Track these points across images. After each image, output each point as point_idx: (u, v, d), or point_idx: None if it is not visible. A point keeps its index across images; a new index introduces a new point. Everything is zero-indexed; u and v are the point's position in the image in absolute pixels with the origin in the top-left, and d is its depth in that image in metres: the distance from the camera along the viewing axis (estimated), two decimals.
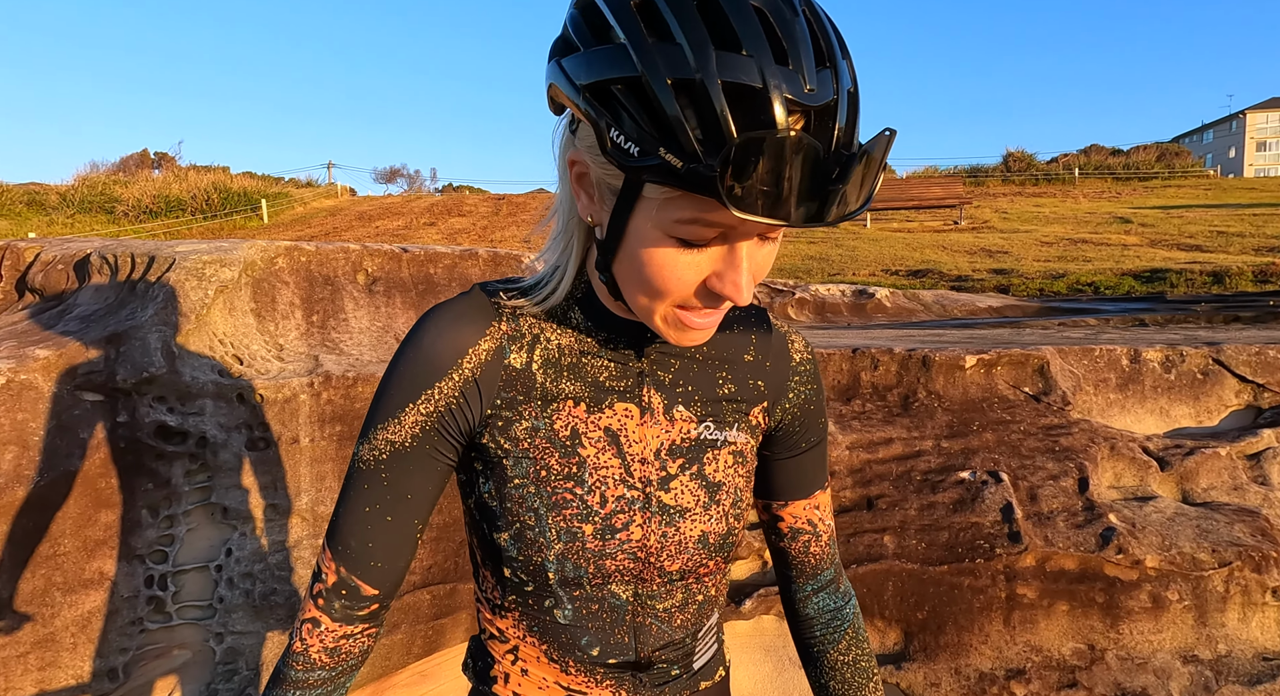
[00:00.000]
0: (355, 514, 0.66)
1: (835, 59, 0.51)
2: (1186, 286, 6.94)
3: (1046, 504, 1.81)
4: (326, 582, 0.66)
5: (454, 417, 0.65)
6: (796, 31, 0.50)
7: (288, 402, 1.93)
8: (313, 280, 2.21)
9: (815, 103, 0.49)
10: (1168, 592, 1.68)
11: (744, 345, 0.73)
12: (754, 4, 0.50)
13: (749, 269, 0.56)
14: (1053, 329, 4.21)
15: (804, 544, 0.79)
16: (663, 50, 0.49)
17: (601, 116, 0.52)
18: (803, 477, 0.77)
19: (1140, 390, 2.23)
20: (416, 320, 0.68)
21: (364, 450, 0.66)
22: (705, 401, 0.70)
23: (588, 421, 0.67)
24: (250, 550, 1.92)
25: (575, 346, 0.67)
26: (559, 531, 0.65)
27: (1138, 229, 11.94)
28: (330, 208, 18.72)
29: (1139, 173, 23.77)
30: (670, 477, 0.68)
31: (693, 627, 0.73)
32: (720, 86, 0.48)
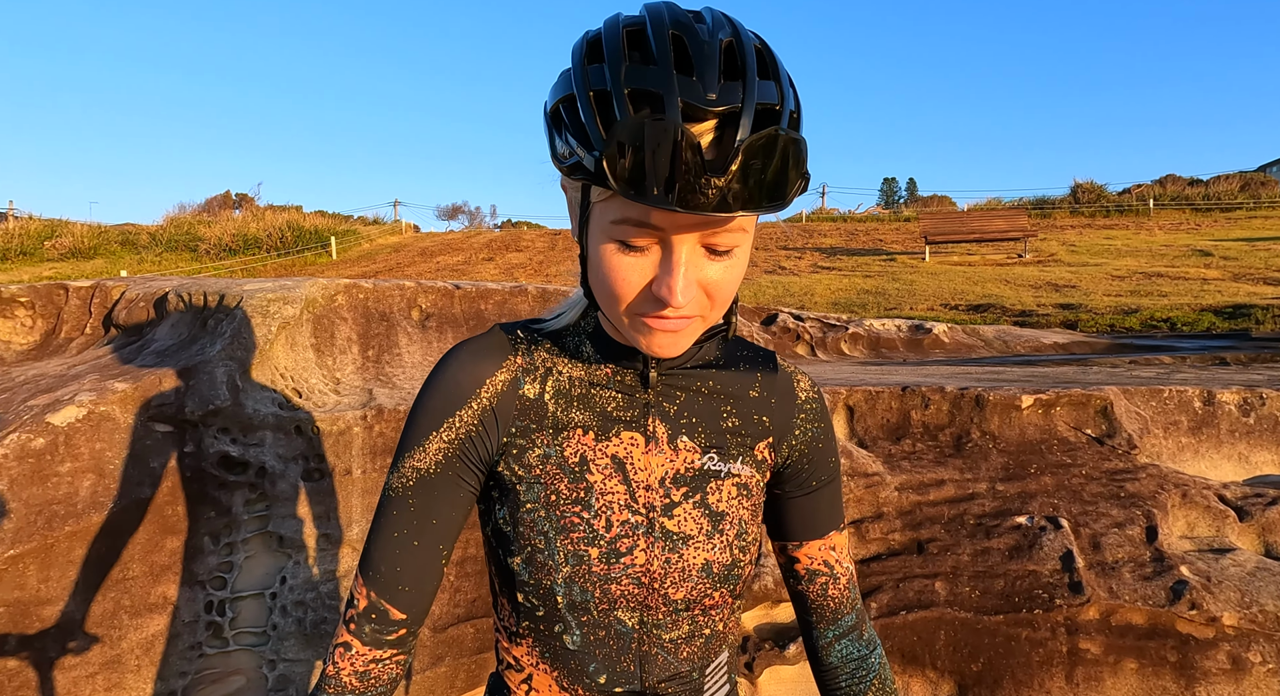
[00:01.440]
0: (385, 540, 0.69)
1: (748, 74, 0.56)
2: (1274, 323, 6.55)
3: (1111, 553, 1.72)
4: (358, 607, 0.69)
5: (474, 445, 0.69)
6: (705, 48, 0.56)
7: (342, 435, 2.00)
8: (370, 316, 2.30)
9: (716, 107, 0.55)
10: (1249, 653, 1.56)
11: (749, 382, 0.75)
12: (673, 30, 0.57)
13: (689, 275, 0.60)
14: (1122, 367, 4.02)
15: (821, 586, 0.79)
16: (592, 70, 0.58)
17: (552, 132, 0.61)
18: (816, 517, 0.78)
19: (1215, 434, 2.11)
20: (443, 355, 0.73)
21: (393, 479, 0.70)
22: (709, 433, 0.73)
23: (596, 449, 0.70)
24: (303, 578, 1.98)
25: (585, 378, 0.71)
26: (566, 554, 0.68)
27: (1219, 262, 11.37)
28: (394, 244, 19.45)
29: (1220, 203, 22.68)
30: (674, 504, 0.71)
31: (700, 661, 0.73)
32: (626, 93, 0.55)
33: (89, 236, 18.07)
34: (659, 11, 0.59)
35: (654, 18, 0.58)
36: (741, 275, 0.64)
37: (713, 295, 0.62)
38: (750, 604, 1.84)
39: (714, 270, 0.61)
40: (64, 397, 1.75)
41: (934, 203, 32.61)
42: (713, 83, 0.55)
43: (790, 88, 0.59)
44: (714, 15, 0.60)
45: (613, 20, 0.60)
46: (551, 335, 0.73)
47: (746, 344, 0.79)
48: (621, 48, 0.57)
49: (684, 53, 0.56)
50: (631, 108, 0.55)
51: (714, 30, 0.58)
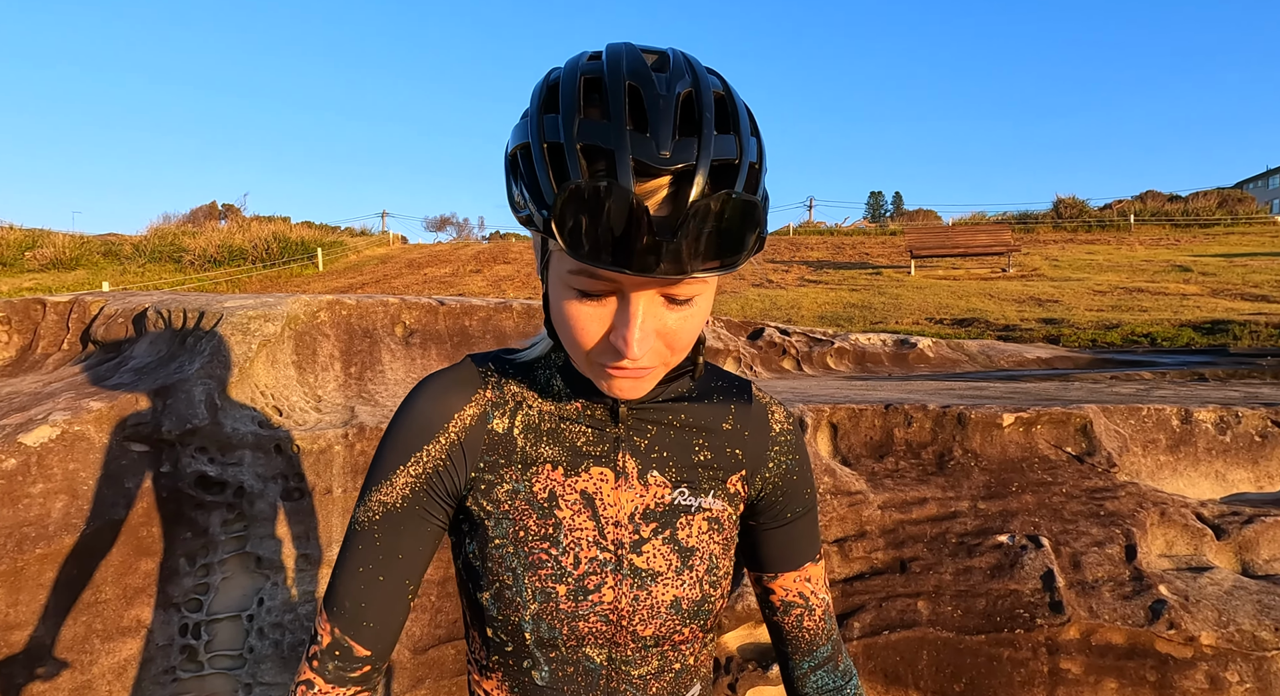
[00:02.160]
0: (349, 574, 0.68)
1: (705, 129, 0.55)
2: (1251, 339, 6.64)
3: (1091, 572, 1.73)
4: (321, 644, 0.68)
5: (441, 479, 0.69)
6: (660, 103, 0.55)
7: (323, 453, 1.98)
8: (353, 333, 2.29)
9: (669, 165, 0.53)
10: (1226, 673, 1.57)
11: (723, 414, 0.74)
12: (630, 82, 0.56)
13: (646, 327, 0.59)
14: (1104, 383, 4.06)
15: (796, 618, 0.78)
16: (547, 120, 0.57)
17: (510, 178, 0.61)
18: (791, 549, 0.77)
19: (1193, 452, 2.13)
20: (412, 388, 0.72)
21: (360, 513, 0.69)
22: (680, 467, 0.72)
23: (565, 484, 0.69)
24: (281, 600, 1.95)
25: (555, 412, 0.71)
26: (534, 591, 0.68)
27: (1198, 278, 11.54)
28: (382, 255, 19.38)
29: (1199, 219, 23.05)
30: (643, 541, 0.70)
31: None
32: (578, 149, 0.54)
33: (71, 247, 17.87)
34: (617, 60, 0.57)
35: (611, 67, 0.57)
36: (703, 322, 0.63)
37: (672, 344, 0.62)
38: (734, 624, 1.84)
39: (673, 319, 0.61)
40: (37, 417, 1.72)
41: (920, 217, 32.92)
42: (666, 140, 0.54)
43: (752, 138, 0.58)
44: (676, 61, 0.59)
45: (572, 65, 0.59)
46: (522, 368, 0.73)
47: (721, 373, 0.78)
48: (577, 98, 0.56)
49: (639, 106, 0.55)
50: (584, 163, 0.54)
51: (672, 81, 0.57)
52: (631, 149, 0.53)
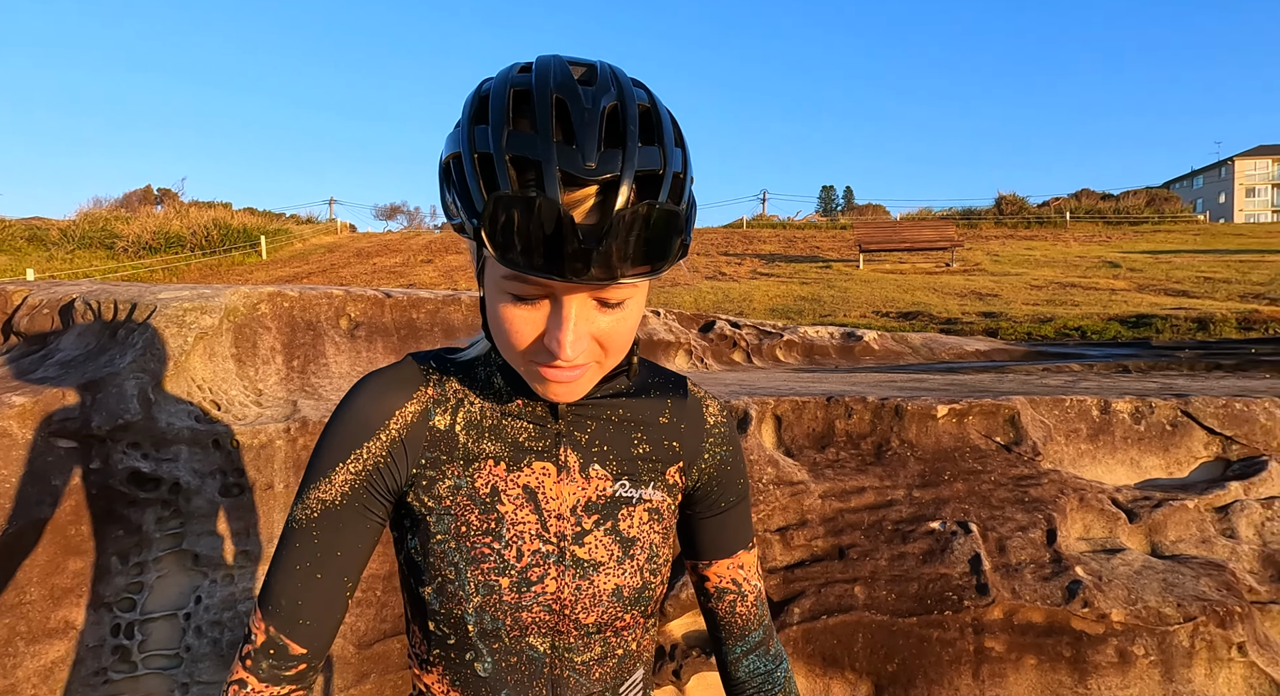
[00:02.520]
0: (286, 572, 0.68)
1: (629, 141, 0.57)
2: (1171, 332, 7.01)
3: (1014, 555, 1.82)
4: (255, 642, 0.68)
5: (382, 476, 0.69)
6: (586, 117, 0.57)
7: (264, 448, 1.95)
8: (295, 325, 2.24)
9: (595, 176, 0.56)
10: (1134, 647, 1.68)
11: (660, 408, 0.77)
12: (557, 95, 0.58)
13: (579, 329, 0.61)
14: (1035, 375, 4.24)
15: (730, 603, 0.81)
16: (478, 130, 0.58)
17: (443, 186, 0.62)
18: (724, 537, 0.80)
19: (1111, 441, 2.25)
20: (351, 387, 0.73)
21: (297, 511, 0.70)
22: (621, 460, 0.74)
23: (507, 479, 0.71)
24: (220, 598, 1.91)
25: (497, 409, 0.72)
26: (477, 584, 0.69)
27: (1126, 273, 12.08)
28: (329, 244, 18.90)
29: (1129, 217, 24.10)
30: (585, 532, 0.72)
31: (613, 682, 0.75)
32: (507, 160, 0.56)
33: None
34: (545, 73, 0.59)
35: (539, 80, 0.59)
36: (635, 324, 0.65)
37: (605, 345, 0.64)
38: (678, 612, 1.87)
39: (605, 322, 0.63)
40: None
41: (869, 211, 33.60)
42: (592, 151, 0.56)
43: (676, 149, 0.60)
44: (603, 75, 0.61)
45: (503, 77, 0.61)
46: (463, 366, 0.74)
47: (658, 370, 0.81)
48: (506, 110, 0.58)
49: (566, 119, 0.57)
50: (513, 173, 0.56)
51: (598, 94, 0.59)
52: (558, 160, 0.55)
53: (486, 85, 0.61)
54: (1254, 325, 7.07)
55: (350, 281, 12.13)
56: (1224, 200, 54.32)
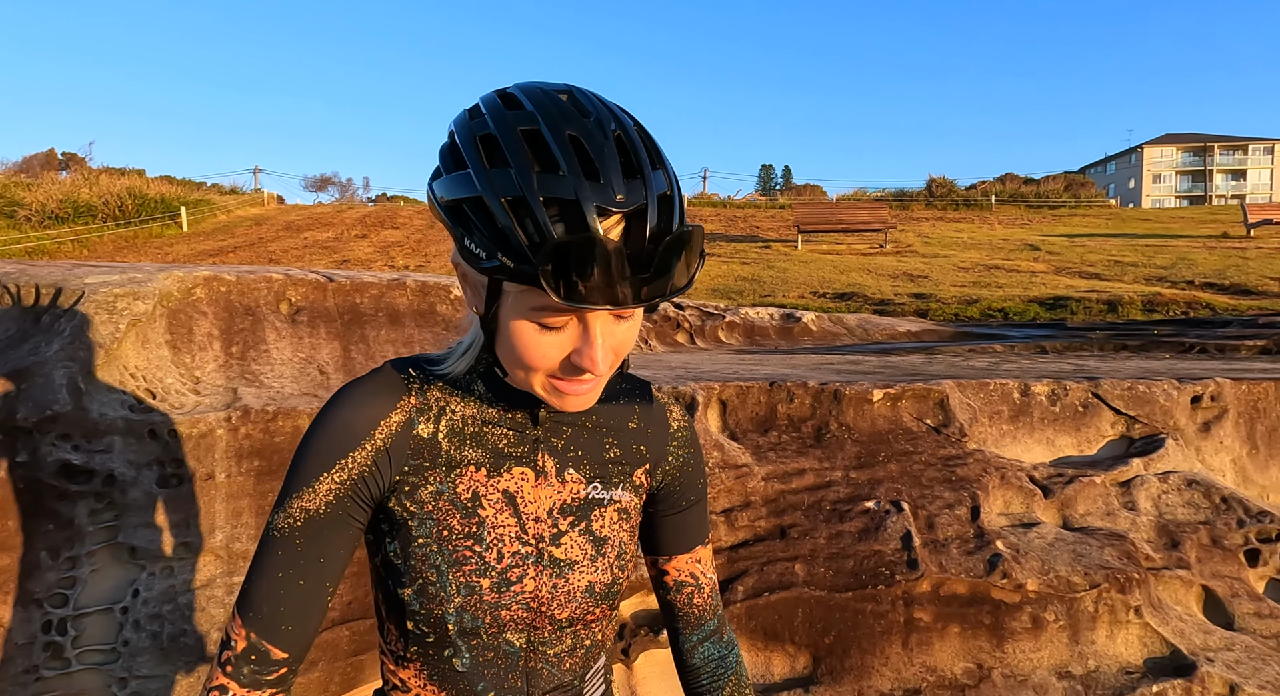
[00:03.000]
0: (268, 579, 0.69)
1: (644, 169, 0.61)
2: (1085, 314, 7.44)
3: (942, 532, 1.94)
4: (235, 649, 0.69)
5: (366, 484, 0.71)
6: (605, 152, 0.61)
7: (203, 438, 1.90)
8: (233, 310, 2.18)
9: (625, 208, 0.59)
10: (1046, 614, 1.82)
11: (628, 414, 0.82)
12: (570, 132, 0.61)
13: (605, 344, 0.65)
14: (962, 356, 4.46)
15: (687, 596, 0.86)
16: (497, 174, 0.60)
17: (457, 229, 0.64)
18: (684, 533, 0.85)
19: (1029, 421, 2.41)
20: (332, 395, 0.74)
21: (279, 519, 0.70)
22: (593, 464, 0.78)
23: (488, 485, 0.74)
24: (159, 590, 1.87)
25: (478, 416, 0.75)
26: (459, 586, 0.72)
27: (1045, 256, 12.70)
28: (255, 216, 18.09)
29: (1049, 201, 25.23)
30: (561, 534, 0.76)
31: (581, 670, 0.80)
32: (541, 201, 0.59)
33: None
34: (546, 109, 0.62)
35: (546, 118, 0.61)
36: (636, 332, 0.70)
37: (619, 353, 0.68)
38: (627, 593, 1.93)
39: (620, 331, 0.67)
40: None
41: (807, 191, 34.15)
42: (618, 184, 0.60)
43: (667, 161, 0.65)
44: (590, 102, 0.64)
45: (500, 117, 0.62)
46: (443, 373, 0.75)
47: (626, 376, 0.84)
48: (524, 152, 0.60)
49: (585, 156, 0.60)
50: (548, 216, 0.59)
51: (603, 124, 0.62)
52: (593, 197, 0.59)
53: (483, 126, 0.63)
54: (1157, 307, 7.57)
55: (280, 257, 11.68)
56: (1133, 185, 57.42)
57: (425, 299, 2.49)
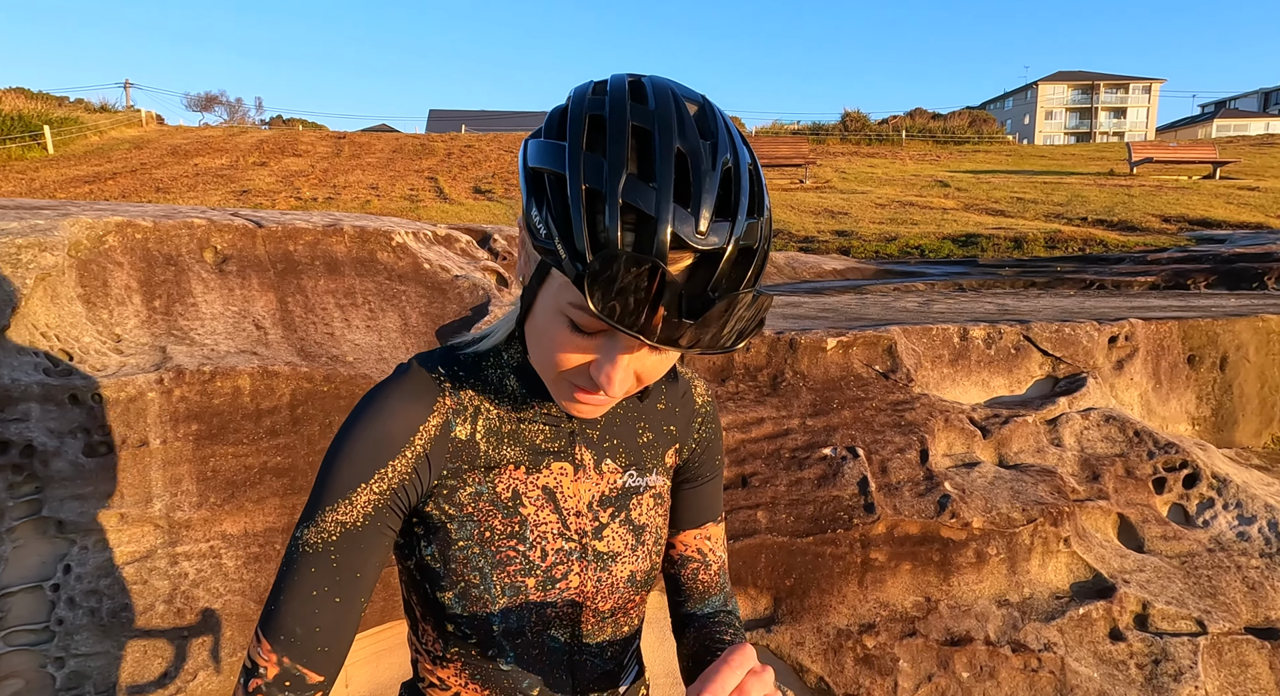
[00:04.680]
0: (301, 599, 0.64)
1: (739, 212, 0.56)
2: (994, 251, 7.82)
3: (895, 475, 2.04)
4: (266, 676, 0.64)
5: (405, 492, 0.67)
6: (706, 180, 0.55)
7: (133, 402, 1.75)
8: (151, 260, 1.98)
9: (702, 246, 0.54)
10: (988, 548, 1.96)
11: (656, 395, 0.80)
12: (680, 147, 0.55)
13: (628, 367, 0.61)
14: (890, 295, 4.62)
15: (692, 571, 0.84)
16: (590, 159, 0.55)
17: (531, 195, 0.59)
18: (696, 509, 0.83)
19: (968, 365, 2.53)
20: (360, 401, 0.68)
21: (310, 534, 0.65)
22: (628, 451, 0.76)
23: (527, 482, 0.71)
24: (94, 565, 1.75)
25: (513, 413, 0.72)
26: (503, 587, 0.70)
27: (954, 193, 13.18)
28: (134, 138, 16.43)
29: (954, 137, 26.04)
30: (603, 526, 0.74)
31: (621, 656, 0.80)
32: (620, 205, 0.54)
33: None
34: (667, 116, 0.56)
35: (662, 124, 0.56)
36: (674, 360, 0.65)
37: (644, 379, 0.64)
38: None
39: (650, 362, 0.63)
40: None
41: None
42: (705, 218, 0.54)
43: (768, 213, 0.59)
44: (718, 125, 0.58)
45: (618, 103, 0.57)
46: (472, 368, 0.71)
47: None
48: (626, 148, 0.55)
49: (685, 176, 0.55)
50: (620, 222, 0.54)
51: (719, 152, 0.57)
52: (673, 222, 0.53)
53: (598, 105, 0.57)
54: (1057, 244, 8.03)
55: (170, 186, 10.69)
56: (1028, 121, 59.91)
57: (365, 246, 2.34)
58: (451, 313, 2.35)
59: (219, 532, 1.83)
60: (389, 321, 2.24)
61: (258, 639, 0.66)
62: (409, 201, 10.78)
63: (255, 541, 1.87)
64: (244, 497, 1.86)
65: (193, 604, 1.78)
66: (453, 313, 2.36)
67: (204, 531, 1.82)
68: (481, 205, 10.86)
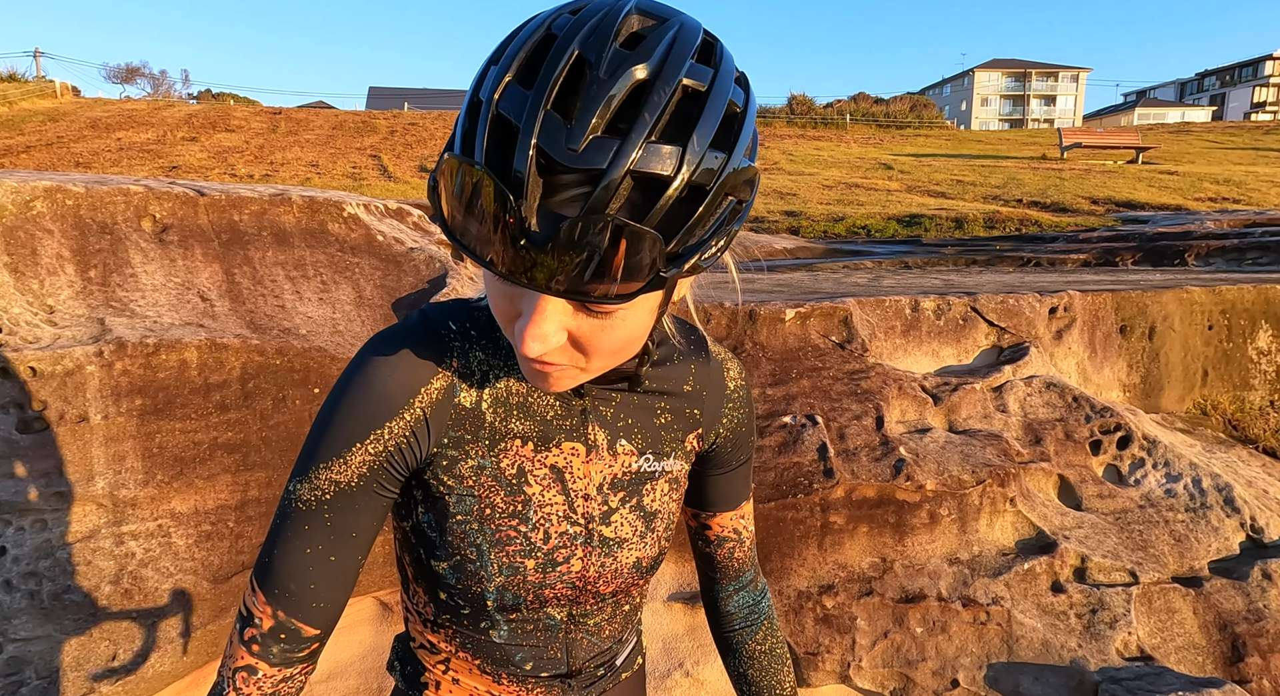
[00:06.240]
0: (295, 555, 0.62)
1: (635, 132, 0.45)
2: (936, 231, 8.03)
3: (852, 441, 2.09)
4: (261, 627, 0.62)
5: (402, 455, 0.63)
6: (594, 87, 0.46)
7: (70, 375, 1.66)
8: (84, 228, 1.87)
9: (576, 164, 0.45)
10: (941, 510, 2.03)
11: (683, 376, 0.72)
12: (577, 52, 0.47)
13: (549, 322, 0.51)
14: (840, 272, 4.71)
15: (729, 550, 0.83)
16: (491, 73, 0.49)
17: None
18: (732, 492, 0.80)
19: (919, 335, 2.60)
20: (361, 349, 0.64)
21: (303, 489, 0.62)
22: (644, 432, 0.70)
23: (534, 460, 0.67)
24: (32, 546, 1.66)
25: (522, 383, 0.66)
26: (500, 566, 0.66)
27: (898, 175, 13.47)
28: (48, 110, 15.44)
29: (896, 121, 26.58)
30: (612, 511, 0.70)
31: (619, 635, 0.78)
32: (494, 116, 0.47)
33: None
34: (591, 25, 0.48)
35: (577, 30, 0.48)
36: (633, 335, 0.54)
37: (586, 351, 0.54)
38: None
39: (587, 327, 0.52)
40: None
41: None
42: (582, 131, 0.45)
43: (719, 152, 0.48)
44: (659, 38, 0.49)
45: (556, 14, 0.50)
46: (485, 330, 0.66)
47: (680, 328, 0.73)
48: (523, 52, 0.48)
49: (575, 83, 0.46)
50: (488, 133, 0.46)
51: (631, 60, 0.47)
52: (539, 133, 0.45)
53: (537, 19, 0.50)
54: (995, 224, 8.30)
55: (91, 161, 10.10)
56: (965, 107, 61.60)
57: (315, 216, 2.26)
58: (408, 285, 2.30)
59: (167, 511, 1.76)
60: (342, 294, 2.18)
61: (253, 588, 0.63)
62: (352, 179, 10.45)
63: (206, 519, 1.81)
64: (193, 474, 1.79)
65: (141, 584, 1.71)
66: (409, 285, 2.30)
67: (151, 510, 1.75)
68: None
